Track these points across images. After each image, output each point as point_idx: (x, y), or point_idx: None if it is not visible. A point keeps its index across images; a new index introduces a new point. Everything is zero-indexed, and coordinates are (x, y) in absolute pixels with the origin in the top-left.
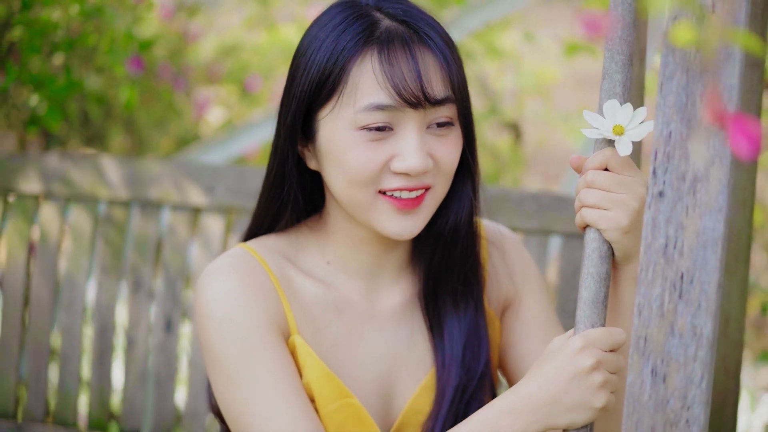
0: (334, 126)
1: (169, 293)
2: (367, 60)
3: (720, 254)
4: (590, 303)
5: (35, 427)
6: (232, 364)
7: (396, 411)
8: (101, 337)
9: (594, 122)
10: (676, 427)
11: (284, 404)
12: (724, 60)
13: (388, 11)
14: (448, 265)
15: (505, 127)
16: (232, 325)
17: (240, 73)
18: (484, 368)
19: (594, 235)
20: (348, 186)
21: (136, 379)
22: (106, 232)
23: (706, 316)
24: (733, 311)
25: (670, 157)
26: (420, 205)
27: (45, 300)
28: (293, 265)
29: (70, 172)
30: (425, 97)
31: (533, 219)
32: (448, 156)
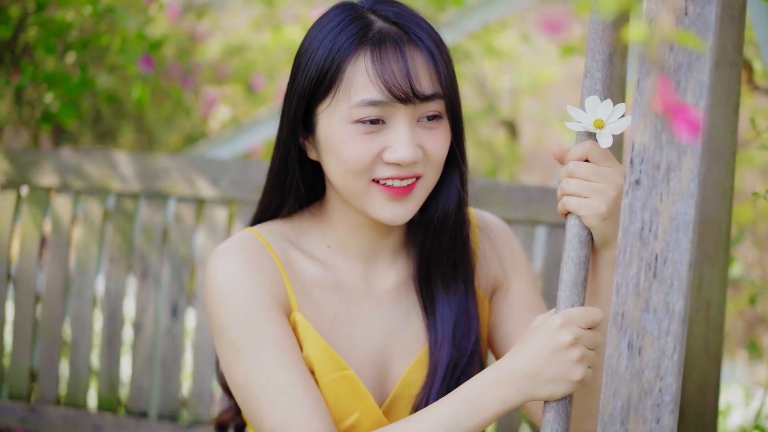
0: (331, 120)
1: (175, 280)
2: (361, 59)
3: (691, 237)
4: (570, 284)
5: (48, 409)
6: (237, 337)
7: (391, 384)
8: (110, 323)
9: (577, 116)
10: (650, 395)
11: (284, 374)
12: (696, 59)
13: (381, 13)
14: (438, 250)
15: (502, 125)
16: (238, 302)
17: (245, 72)
18: (473, 346)
19: (574, 221)
20: (344, 175)
21: (144, 363)
22: (116, 223)
23: (678, 293)
24: (714, 297)
25: (646, 147)
26: (411, 193)
27: (57, 288)
28: (295, 248)
29: (82, 166)
30: (414, 93)
31: (520, 210)
32: (437, 147)
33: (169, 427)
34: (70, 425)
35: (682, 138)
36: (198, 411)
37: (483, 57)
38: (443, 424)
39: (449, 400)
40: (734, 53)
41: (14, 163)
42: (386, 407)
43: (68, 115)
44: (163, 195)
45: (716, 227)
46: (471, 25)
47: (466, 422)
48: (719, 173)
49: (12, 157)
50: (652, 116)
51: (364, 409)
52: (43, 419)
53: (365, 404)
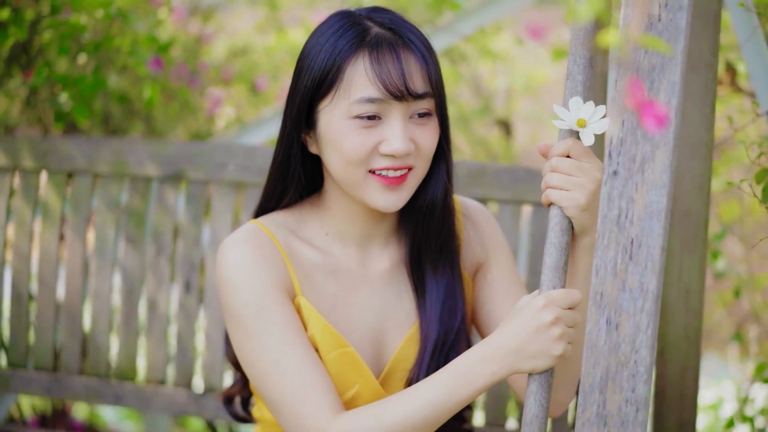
0: (332, 116)
1: (187, 259)
2: (360, 61)
3: (663, 223)
4: (552, 268)
5: (72, 378)
6: (248, 321)
7: (386, 359)
8: (128, 298)
9: (562, 115)
10: (626, 367)
11: (293, 353)
12: (668, 61)
13: (377, 20)
14: (427, 235)
15: (496, 124)
16: (247, 288)
17: (249, 73)
18: (460, 324)
19: (556, 211)
20: (344, 166)
21: (160, 335)
22: (132, 205)
23: (652, 274)
24: (693, 284)
25: (623, 142)
26: (403, 183)
27: (77, 266)
28: (297, 236)
29: (100, 152)
30: (408, 91)
31: (507, 190)
32: (427, 141)
33: (185, 394)
34: (92, 394)
35: (651, 131)
36: (211, 379)
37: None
38: (438, 396)
39: (442, 375)
40: (710, 56)
41: (34, 150)
42: (382, 379)
43: (82, 114)
44: (175, 178)
45: (695, 219)
46: (467, 28)
47: (458, 394)
48: (697, 168)
49: (33, 144)
50: (628, 113)
51: (363, 383)
52: (67, 389)
53: (364, 378)
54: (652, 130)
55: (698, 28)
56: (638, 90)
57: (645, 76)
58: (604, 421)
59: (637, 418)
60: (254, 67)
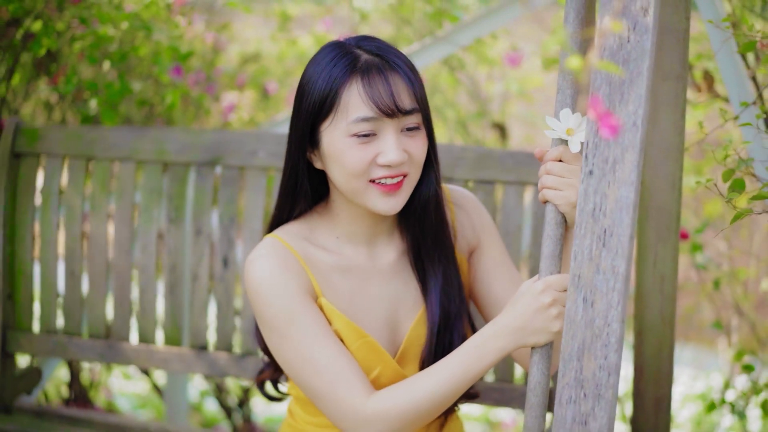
0: (333, 135)
1: (224, 236)
2: (353, 85)
3: (632, 215)
4: (549, 256)
5: (122, 345)
6: (281, 325)
7: (399, 340)
8: (172, 273)
9: (553, 125)
10: (600, 338)
11: (324, 348)
12: (636, 76)
13: (365, 48)
14: (422, 231)
15: (492, 126)
16: (277, 298)
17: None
18: (459, 305)
19: (551, 208)
20: (347, 178)
21: (201, 305)
22: (172, 188)
23: (622, 259)
24: (667, 272)
25: (597, 146)
26: (400, 188)
27: (125, 244)
28: (311, 243)
29: (142, 140)
30: (398, 109)
31: (512, 173)
32: (418, 151)
33: (225, 357)
34: (141, 358)
35: (606, 137)
36: (248, 344)
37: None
38: (456, 372)
39: (458, 353)
40: (679, 68)
41: (82, 139)
42: (398, 359)
43: (110, 118)
44: (211, 164)
45: (668, 213)
46: (465, 39)
47: (473, 368)
48: (670, 168)
49: (80, 134)
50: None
51: (383, 365)
52: (119, 354)
53: (384, 361)
54: (607, 136)
55: (669, 43)
56: (597, 103)
57: (617, 89)
58: (581, 384)
59: (609, 381)
60: (265, 73)
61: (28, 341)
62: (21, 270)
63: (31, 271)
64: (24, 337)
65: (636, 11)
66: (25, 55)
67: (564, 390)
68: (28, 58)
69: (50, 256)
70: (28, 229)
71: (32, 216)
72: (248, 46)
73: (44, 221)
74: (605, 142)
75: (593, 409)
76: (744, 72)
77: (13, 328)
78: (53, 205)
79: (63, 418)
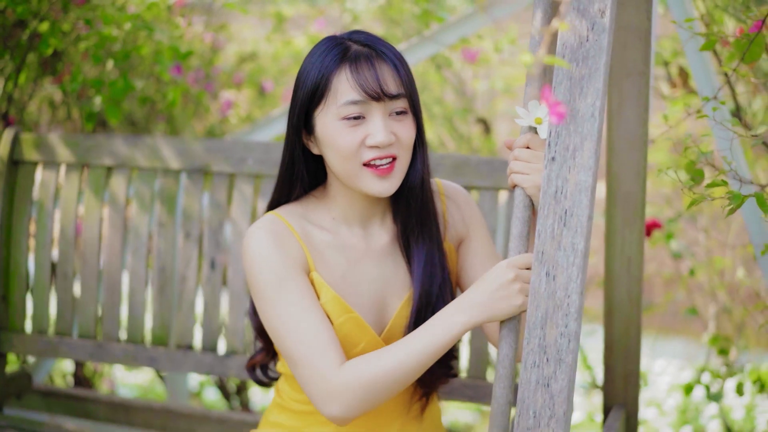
0: (325, 120)
1: (212, 240)
2: (343, 72)
3: (590, 197)
4: (517, 237)
5: (111, 344)
6: (271, 293)
7: (387, 319)
8: (161, 275)
9: (522, 114)
10: (560, 308)
11: (308, 317)
12: (594, 71)
13: (356, 40)
14: (409, 213)
15: (477, 122)
16: (269, 267)
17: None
18: (441, 285)
19: (519, 191)
20: (340, 160)
21: (188, 306)
22: (163, 195)
23: (581, 237)
24: (633, 255)
25: (559, 134)
26: (392, 171)
27: (116, 248)
28: (308, 221)
29: (134, 149)
30: (383, 92)
31: (487, 179)
32: (406, 133)
33: (211, 357)
34: (129, 357)
35: (555, 122)
36: (233, 343)
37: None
38: (423, 342)
39: (425, 326)
40: (642, 65)
41: (76, 147)
42: (384, 337)
43: (114, 115)
44: (201, 171)
45: (633, 199)
46: (450, 38)
47: (439, 340)
48: (635, 157)
49: (77, 141)
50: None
51: (367, 341)
52: (108, 353)
53: (368, 337)
54: (555, 121)
55: (632, 42)
56: (548, 94)
57: (576, 84)
58: (544, 350)
59: (569, 347)
60: (261, 72)
61: (21, 341)
62: (16, 272)
63: (26, 273)
64: (16, 337)
65: (594, 13)
66: (31, 55)
67: (529, 355)
68: (34, 58)
69: (44, 259)
70: (23, 234)
71: (28, 221)
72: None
73: (39, 226)
74: (566, 131)
75: (555, 372)
76: (711, 68)
77: (6, 328)
78: (48, 210)
79: (69, 397)
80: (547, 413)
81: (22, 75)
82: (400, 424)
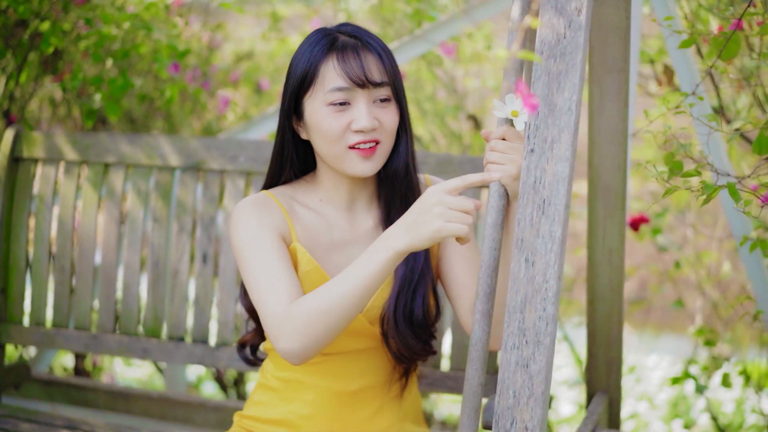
0: (313, 105)
1: (204, 234)
2: (330, 61)
3: (567, 187)
4: (493, 225)
5: (106, 336)
6: (248, 250)
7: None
8: (154, 268)
9: (499, 107)
10: (539, 293)
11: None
12: (571, 67)
13: (343, 31)
14: (393, 197)
15: (468, 119)
16: (247, 225)
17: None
18: (423, 270)
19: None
20: (327, 144)
21: (181, 299)
22: (158, 191)
23: (558, 225)
24: (614, 245)
25: (538, 127)
26: (374, 154)
27: (112, 241)
28: (296, 201)
29: (132, 147)
30: (367, 79)
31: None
32: (389, 119)
33: (202, 348)
34: (123, 348)
35: (529, 113)
36: (224, 335)
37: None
38: (357, 272)
39: (360, 257)
40: (622, 62)
41: (75, 146)
42: (365, 315)
43: (113, 112)
44: (194, 168)
45: (614, 191)
46: (440, 37)
47: (373, 267)
48: (615, 151)
49: (76, 140)
50: (542, 106)
51: None
52: (102, 344)
53: None
54: (530, 111)
55: (611, 40)
56: (522, 87)
57: (554, 79)
58: (523, 333)
59: (547, 329)
60: (257, 70)
61: (19, 332)
62: (15, 266)
63: (24, 267)
64: (14, 329)
65: (571, 11)
66: (32, 54)
67: (509, 338)
68: (35, 56)
69: (42, 253)
70: (23, 229)
71: (27, 216)
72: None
73: (38, 221)
74: (545, 124)
75: (533, 353)
76: (694, 66)
77: (5, 320)
78: (47, 206)
79: (70, 386)
80: (526, 393)
81: (24, 74)
82: (378, 405)
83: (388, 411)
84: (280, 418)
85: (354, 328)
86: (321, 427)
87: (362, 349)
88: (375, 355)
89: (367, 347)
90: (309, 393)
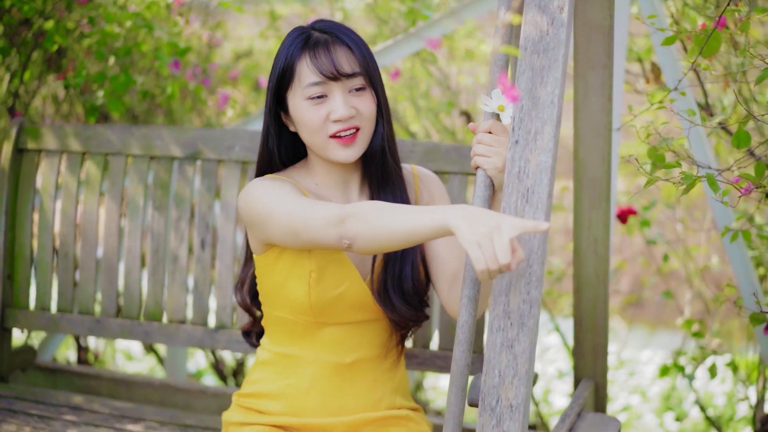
0: (294, 100)
1: (202, 221)
2: (304, 59)
3: (550, 177)
4: None
5: (109, 320)
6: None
7: (368, 268)
8: (155, 255)
9: (486, 102)
10: (523, 277)
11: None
12: (553, 62)
13: (317, 28)
14: (375, 177)
15: (460, 115)
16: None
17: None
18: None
19: (481, 172)
20: (310, 135)
21: (181, 283)
22: (157, 179)
23: (541, 213)
24: (599, 235)
25: (522, 120)
26: (354, 140)
27: (113, 229)
28: (298, 185)
29: (132, 138)
30: (338, 72)
31: (456, 164)
32: (365, 106)
33: (201, 331)
34: (125, 332)
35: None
36: (222, 318)
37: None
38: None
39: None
40: (605, 58)
41: (79, 136)
42: (367, 281)
43: (116, 108)
44: (192, 158)
45: (599, 183)
46: (434, 35)
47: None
48: (600, 144)
49: (78, 131)
50: (526, 99)
51: (351, 282)
52: (106, 328)
53: (352, 278)
54: (511, 101)
55: (595, 38)
56: (504, 79)
57: (538, 74)
58: (507, 315)
59: (530, 312)
60: (256, 68)
61: (24, 317)
62: (20, 253)
63: (30, 254)
64: (20, 314)
65: (554, 9)
66: (36, 52)
67: (494, 320)
68: (39, 55)
69: (46, 241)
70: (27, 217)
71: (32, 205)
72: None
73: (42, 209)
74: (529, 117)
75: (518, 335)
76: (680, 63)
77: (11, 305)
78: (51, 195)
79: (73, 373)
80: (510, 372)
81: (28, 71)
82: (373, 377)
83: (381, 384)
84: (278, 392)
85: (357, 301)
86: (319, 400)
87: (360, 321)
88: (372, 327)
89: (365, 319)
90: (307, 367)
